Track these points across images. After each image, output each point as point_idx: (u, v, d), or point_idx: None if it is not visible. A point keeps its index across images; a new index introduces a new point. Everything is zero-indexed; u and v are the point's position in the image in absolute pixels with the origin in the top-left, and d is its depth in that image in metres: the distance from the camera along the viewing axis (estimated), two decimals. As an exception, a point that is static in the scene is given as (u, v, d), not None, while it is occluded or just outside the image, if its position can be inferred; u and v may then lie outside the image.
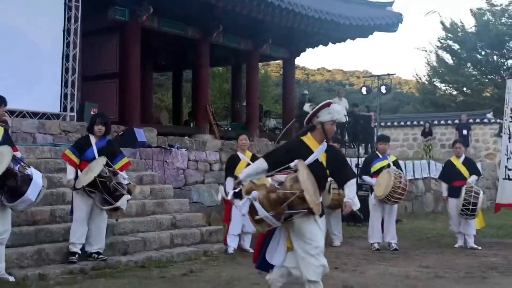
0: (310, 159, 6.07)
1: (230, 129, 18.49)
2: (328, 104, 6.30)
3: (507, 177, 13.65)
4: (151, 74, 21.39)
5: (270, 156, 6.26)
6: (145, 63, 17.87)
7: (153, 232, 10.03)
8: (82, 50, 13.60)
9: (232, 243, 10.40)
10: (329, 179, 11.19)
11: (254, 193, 5.67)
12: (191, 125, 18.29)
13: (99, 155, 8.60)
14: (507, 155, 13.93)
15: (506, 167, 13.85)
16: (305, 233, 5.96)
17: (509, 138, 13.81)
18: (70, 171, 8.60)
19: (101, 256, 8.62)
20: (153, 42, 17.64)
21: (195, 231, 10.62)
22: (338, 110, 6.36)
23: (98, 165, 8.43)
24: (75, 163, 8.61)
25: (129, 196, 8.66)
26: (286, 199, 5.64)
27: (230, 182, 10.42)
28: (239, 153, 10.74)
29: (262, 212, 5.62)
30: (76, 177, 8.55)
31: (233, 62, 21.64)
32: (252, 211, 5.74)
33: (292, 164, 5.82)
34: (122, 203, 8.51)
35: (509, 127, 13.74)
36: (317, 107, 6.28)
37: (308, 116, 6.34)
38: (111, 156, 8.69)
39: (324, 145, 6.22)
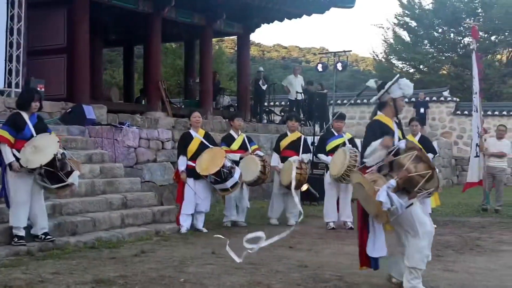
0: (396, 137, 6.11)
1: (183, 106, 18.15)
2: (397, 80, 6.28)
3: (476, 154, 13.69)
4: (101, 49, 20.88)
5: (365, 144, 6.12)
6: (95, 38, 17.34)
7: (103, 212, 9.75)
8: (28, 24, 13.06)
9: (185, 223, 10.24)
10: (294, 157, 11.17)
11: (392, 181, 5.65)
12: (143, 102, 17.92)
13: (36, 132, 8.21)
14: (478, 132, 13.96)
15: (477, 144, 13.87)
16: (415, 216, 5.93)
17: (479, 115, 13.87)
18: (9, 152, 8.09)
19: (49, 237, 8.30)
20: (103, 16, 17.16)
21: (147, 210, 10.38)
22: (409, 84, 6.34)
23: (51, 142, 8.10)
24: (11, 143, 8.13)
25: (78, 172, 8.36)
26: (415, 184, 5.71)
27: (182, 160, 10.23)
28: (191, 131, 10.52)
29: (397, 201, 5.61)
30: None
31: (186, 38, 21.27)
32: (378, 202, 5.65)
33: (402, 145, 5.93)
34: (74, 179, 8.22)
35: (476, 105, 13.77)
36: (390, 82, 6.26)
37: (379, 94, 6.31)
38: (43, 132, 8.33)
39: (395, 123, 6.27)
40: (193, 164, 10.17)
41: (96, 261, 7.55)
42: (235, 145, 11.21)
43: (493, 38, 35.70)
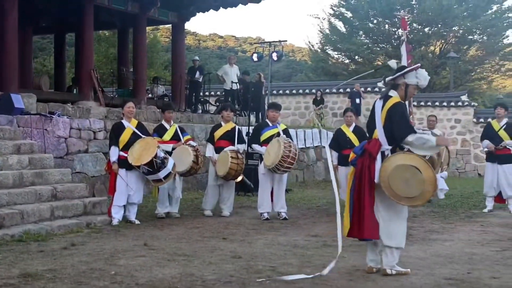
0: None
1: (116, 96, 17.83)
2: (416, 68, 6.49)
3: None
4: (31, 36, 20.32)
5: (410, 125, 6.37)
6: (24, 25, 16.87)
7: (31, 204, 9.46)
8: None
9: (117, 215, 10.08)
10: (230, 148, 11.11)
11: (445, 173, 5.89)
12: (75, 92, 17.54)
13: None
14: None
15: None
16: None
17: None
18: None
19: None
20: (33, 2, 16.64)
21: (78, 202, 10.14)
22: (425, 76, 6.52)
23: None
24: None
25: None
26: (435, 165, 6.29)
27: (114, 151, 10.06)
28: (124, 121, 10.35)
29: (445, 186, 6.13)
30: None
31: (119, 26, 20.89)
32: None
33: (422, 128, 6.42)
34: None
35: None
36: (409, 68, 6.50)
37: (396, 74, 6.53)
38: None
39: None
40: (125, 155, 10.00)
41: (23, 254, 7.34)
42: (167, 136, 11.09)
43: (426, 29, 36.46)
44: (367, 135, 6.83)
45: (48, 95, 15.49)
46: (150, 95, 19.60)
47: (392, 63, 6.83)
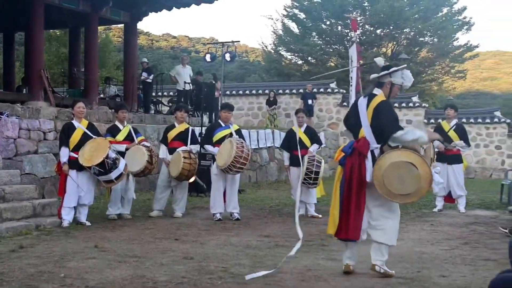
0: None
1: (67, 96, 17.58)
2: (403, 68, 6.58)
3: None
4: (-21, 35, 19.92)
5: (397, 122, 6.39)
6: (-29, 24, 16.51)
7: (-22, 206, 9.25)
8: None
9: (67, 216, 9.95)
10: (182, 148, 11.06)
11: (438, 168, 6.37)
12: (24, 91, 17.23)
13: None
14: None
15: None
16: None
17: None
18: None
19: None
20: (-21, 1, 16.32)
21: (27, 204, 9.95)
22: (410, 77, 6.60)
23: None
24: None
25: None
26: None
27: (64, 151, 9.91)
28: (74, 122, 10.22)
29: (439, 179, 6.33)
30: None
31: (70, 25, 20.61)
32: None
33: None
34: None
35: (352, 96, 14.03)
36: (396, 68, 6.54)
37: (383, 73, 6.54)
38: None
39: None
40: (76, 156, 9.87)
41: (-31, 258, 7.18)
42: (120, 136, 10.98)
43: (378, 31, 36.87)
44: (351, 134, 6.80)
45: (-4, 95, 15.21)
46: (102, 96, 19.38)
47: (379, 60, 6.85)
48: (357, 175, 6.36)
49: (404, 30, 36.61)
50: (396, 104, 25.91)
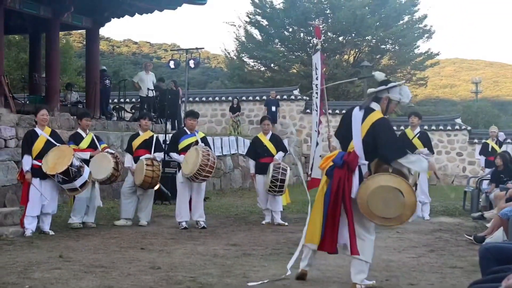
0: None
1: (28, 102, 17.30)
2: (402, 84, 6.52)
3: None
4: None
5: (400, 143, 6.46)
6: None
7: None
8: None
9: (30, 225, 9.75)
10: (145, 156, 10.97)
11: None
12: (-16, 98, 16.89)
13: None
14: (316, 131, 14.21)
15: (317, 142, 14.13)
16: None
17: (317, 114, 14.09)
18: None
19: None
20: None
21: (-12, 213, 9.73)
22: (408, 94, 6.50)
23: None
24: None
25: None
26: None
27: (27, 159, 9.72)
28: (37, 129, 10.03)
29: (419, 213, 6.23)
30: None
31: (31, 30, 20.28)
32: None
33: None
34: None
35: (316, 103, 13.98)
36: (394, 83, 6.44)
37: (380, 88, 6.40)
38: None
39: None
40: (39, 164, 9.68)
41: None
42: (84, 144, 10.82)
43: (340, 38, 37.13)
44: (340, 145, 6.66)
45: (-45, 102, 14.89)
46: (63, 102, 19.11)
47: (379, 74, 6.69)
48: (345, 189, 6.21)
49: (366, 38, 36.92)
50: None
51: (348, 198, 6.20)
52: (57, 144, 9.92)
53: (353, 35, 36.67)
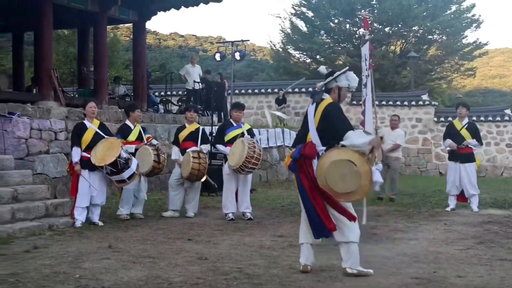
0: None
1: (77, 95, 17.57)
2: (346, 71, 6.76)
3: None
4: (-13, 35, 19.93)
5: (349, 124, 6.45)
6: (-19, 24, 16.48)
7: (-9, 207, 9.24)
8: None
9: (80, 216, 9.92)
10: (192, 148, 11.07)
11: (380, 165, 6.43)
12: (34, 91, 17.22)
13: None
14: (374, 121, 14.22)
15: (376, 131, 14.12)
16: None
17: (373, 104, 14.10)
18: None
19: None
20: (-11, 1, 16.28)
21: (39, 204, 9.97)
22: (355, 77, 6.79)
23: None
24: None
25: None
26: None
27: (76, 151, 9.89)
28: (86, 121, 10.20)
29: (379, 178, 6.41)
30: None
31: (79, 25, 20.56)
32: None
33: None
34: None
35: (367, 93, 13.92)
36: (340, 72, 6.72)
37: (328, 79, 6.73)
38: None
39: None
40: (88, 155, 9.84)
41: (-16, 258, 7.16)
42: (132, 136, 10.95)
43: (387, 29, 36.73)
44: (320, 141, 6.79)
45: (6, 95, 15.16)
46: (111, 95, 19.36)
47: (322, 69, 7.08)
48: (313, 175, 6.40)
49: (413, 28, 36.45)
50: (405, 103, 25.89)
51: (314, 183, 6.40)
52: (105, 136, 10.06)
53: (400, 25, 36.23)
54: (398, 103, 26.14)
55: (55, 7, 16.21)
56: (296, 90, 27.40)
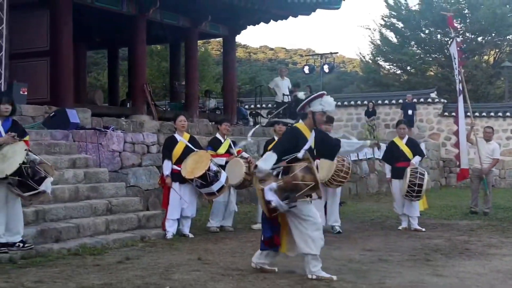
0: (307, 146, 6.77)
1: (168, 109, 17.99)
2: (321, 95, 6.94)
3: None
4: (85, 52, 20.72)
5: (277, 147, 6.82)
6: (78, 40, 17.14)
7: (87, 218, 9.56)
8: (9, 26, 12.81)
9: (171, 228, 10.09)
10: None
11: (274, 184, 6.46)
12: (128, 106, 17.73)
13: None
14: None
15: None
16: (303, 211, 6.73)
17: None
18: None
19: (27, 245, 8.06)
20: (87, 18, 16.93)
21: (132, 216, 10.21)
22: (330, 102, 6.94)
23: (19, 150, 7.84)
24: None
25: (51, 179, 8.14)
26: (299, 189, 6.45)
27: (167, 164, 10.08)
28: (176, 135, 10.38)
29: (277, 201, 6.45)
30: None
31: (171, 40, 21.09)
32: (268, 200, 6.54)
33: (300, 155, 6.61)
34: (46, 186, 8.01)
35: (461, 94, 13.64)
36: (310, 97, 6.95)
37: (301, 104, 6.96)
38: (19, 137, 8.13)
39: (313, 132, 6.94)
40: (178, 168, 10.02)
41: (80, 268, 7.39)
42: (221, 149, 11.07)
43: (479, 39, 35.79)
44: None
45: (102, 110, 15.70)
46: (202, 108, 19.69)
47: (300, 95, 7.23)
48: None
49: (507, 37, 35.38)
50: (500, 114, 25.06)
51: None
52: (195, 150, 10.22)
53: (493, 34, 35.21)
54: (492, 114, 25.31)
55: (148, 23, 16.71)
56: (386, 101, 27.04)
